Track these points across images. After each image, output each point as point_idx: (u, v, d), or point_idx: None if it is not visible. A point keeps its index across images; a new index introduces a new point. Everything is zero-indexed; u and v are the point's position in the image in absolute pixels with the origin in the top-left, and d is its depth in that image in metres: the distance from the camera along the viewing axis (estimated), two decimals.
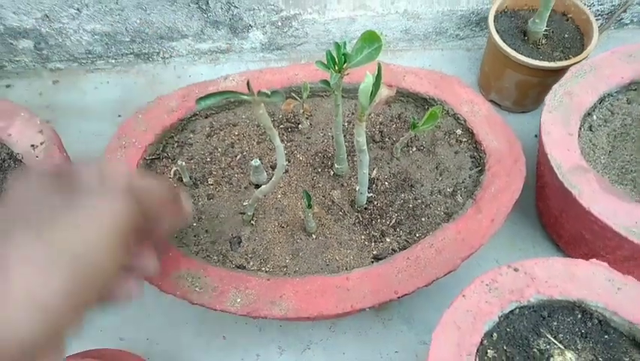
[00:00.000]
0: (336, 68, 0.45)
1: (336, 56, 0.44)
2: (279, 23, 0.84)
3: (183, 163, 0.56)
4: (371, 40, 0.43)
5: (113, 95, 0.86)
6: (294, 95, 0.60)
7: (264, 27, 0.85)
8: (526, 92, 0.78)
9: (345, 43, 0.45)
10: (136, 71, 0.89)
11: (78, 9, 0.79)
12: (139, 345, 0.62)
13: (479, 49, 0.91)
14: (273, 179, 0.47)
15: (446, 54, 0.91)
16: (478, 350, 0.45)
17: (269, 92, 0.37)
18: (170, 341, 0.64)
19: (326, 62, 0.45)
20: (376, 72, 0.43)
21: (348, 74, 0.46)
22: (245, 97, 0.39)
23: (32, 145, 0.59)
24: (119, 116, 0.83)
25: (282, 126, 0.64)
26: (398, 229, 0.56)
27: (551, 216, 0.65)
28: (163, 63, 0.89)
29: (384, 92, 0.46)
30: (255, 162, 0.56)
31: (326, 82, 0.47)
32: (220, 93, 0.39)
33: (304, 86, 0.58)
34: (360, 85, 0.42)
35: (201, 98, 0.39)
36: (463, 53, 0.91)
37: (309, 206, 0.50)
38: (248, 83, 0.38)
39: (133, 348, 0.59)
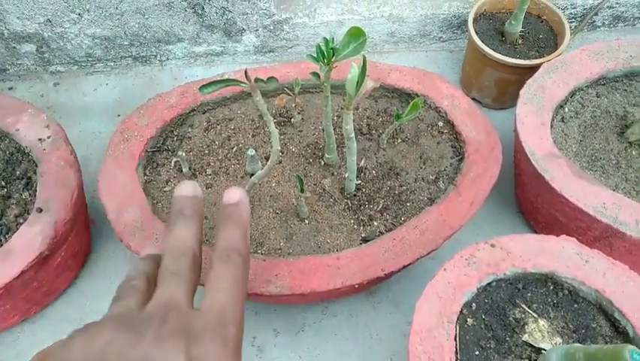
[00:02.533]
0: (325, 61, 0.50)
1: (325, 50, 0.48)
2: (271, 27, 0.88)
3: (183, 154, 0.60)
4: (356, 35, 0.47)
5: (112, 96, 0.90)
6: (286, 90, 0.64)
7: (256, 30, 0.89)
8: (505, 90, 0.83)
9: (333, 39, 0.49)
10: (134, 73, 0.93)
11: (79, 14, 0.83)
12: None
13: (461, 50, 0.96)
14: (268, 163, 0.51)
15: (430, 55, 0.96)
16: (458, 318, 0.49)
17: (265, 79, 0.42)
18: None
19: (316, 56, 0.49)
20: (362, 64, 0.47)
21: (336, 66, 0.50)
22: (243, 84, 0.43)
23: (39, 139, 0.62)
24: (118, 115, 0.87)
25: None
26: (385, 214, 0.60)
27: (528, 202, 0.70)
28: (160, 65, 0.93)
29: (369, 84, 0.51)
30: (251, 151, 0.60)
31: (316, 74, 0.51)
32: (222, 81, 0.43)
33: (296, 81, 0.62)
34: (347, 76, 0.46)
35: (204, 86, 0.43)
36: (445, 54, 0.96)
37: (302, 190, 0.54)
38: (246, 72, 0.42)
39: None
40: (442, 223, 0.57)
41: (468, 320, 0.49)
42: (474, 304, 0.50)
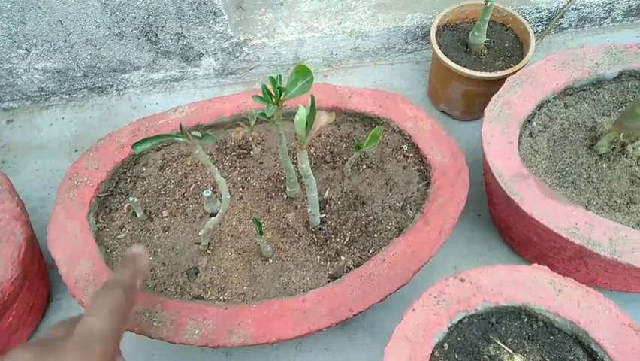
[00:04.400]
0: (274, 100, 0.47)
1: (272, 90, 0.46)
2: (230, 49, 0.85)
3: (135, 199, 0.57)
4: (304, 73, 0.44)
5: (68, 130, 0.86)
6: (240, 123, 0.61)
7: (215, 54, 0.86)
8: (473, 102, 0.81)
9: (280, 77, 0.46)
10: (91, 104, 0.89)
11: (27, 49, 0.79)
12: None
13: (427, 61, 0.94)
14: (220, 211, 0.48)
15: (396, 68, 0.93)
16: None
17: (200, 135, 0.39)
18: None
19: (263, 97, 0.46)
20: (310, 104, 0.45)
21: (285, 105, 0.48)
22: (180, 139, 0.40)
23: None
24: (76, 151, 0.83)
25: (234, 153, 0.65)
26: (352, 247, 0.58)
27: (501, 221, 0.68)
28: (118, 95, 0.90)
29: (323, 119, 0.48)
30: (207, 192, 0.57)
31: (263, 114, 0.48)
32: (156, 137, 0.40)
33: (251, 114, 0.59)
34: (295, 118, 0.43)
35: (137, 143, 0.40)
36: (412, 66, 0.94)
37: (260, 233, 0.51)
38: (181, 126, 0.39)
39: None
40: (411, 256, 0.55)
41: None
42: (446, 344, 0.48)
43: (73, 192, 0.59)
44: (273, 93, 0.46)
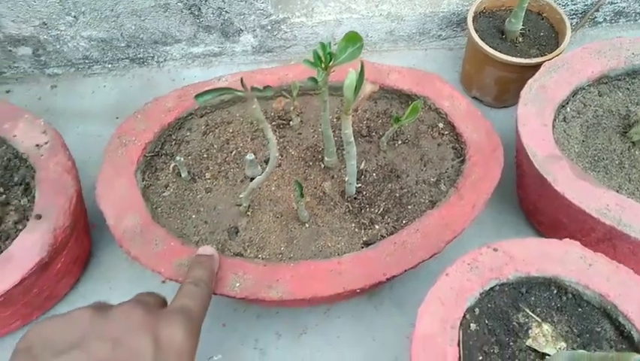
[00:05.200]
0: (323, 65, 0.49)
1: (322, 55, 0.48)
2: (269, 27, 0.88)
3: (181, 159, 0.59)
4: (353, 40, 0.46)
5: (109, 98, 0.89)
6: (284, 93, 0.64)
7: (254, 31, 0.88)
8: (506, 88, 0.82)
9: (330, 43, 0.49)
10: (131, 75, 0.92)
11: (75, 16, 0.82)
12: None
13: (461, 48, 0.95)
14: (266, 169, 0.51)
15: (429, 54, 0.95)
16: (461, 324, 0.48)
17: (261, 87, 0.41)
18: None
19: (313, 61, 0.48)
20: (359, 68, 0.47)
21: (334, 71, 0.50)
22: (239, 93, 0.43)
23: (37, 145, 0.61)
24: (117, 118, 0.86)
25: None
26: (386, 217, 0.60)
27: (531, 203, 0.69)
28: (158, 67, 0.93)
29: (367, 87, 0.50)
30: (250, 156, 0.59)
31: (313, 79, 0.50)
32: (216, 90, 0.42)
33: (293, 84, 0.61)
34: (345, 81, 0.45)
35: (199, 95, 0.42)
36: (445, 53, 0.95)
37: (301, 195, 0.54)
38: (242, 80, 0.41)
39: None
40: (444, 227, 0.57)
41: (471, 325, 0.49)
42: (477, 309, 0.50)
43: (121, 150, 0.62)
44: (323, 59, 0.48)
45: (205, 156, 0.65)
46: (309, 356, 0.65)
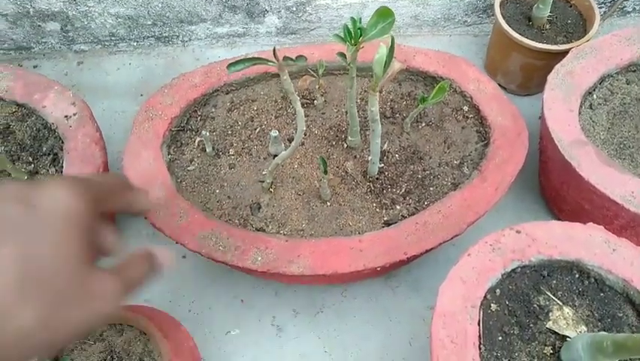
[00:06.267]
0: (352, 41, 0.49)
1: (352, 30, 0.48)
2: (294, 8, 0.88)
3: (207, 134, 0.60)
4: (385, 15, 0.46)
5: (134, 76, 0.90)
6: (310, 72, 0.64)
7: (279, 12, 0.88)
8: (531, 75, 0.81)
9: (360, 19, 0.49)
10: (156, 53, 0.93)
11: None
12: (162, 306, 0.66)
13: (485, 35, 0.94)
14: (292, 144, 0.51)
15: (454, 40, 0.94)
16: (482, 304, 0.48)
17: (293, 57, 0.41)
18: (191, 303, 0.68)
19: (343, 36, 0.48)
20: (390, 44, 0.47)
21: (363, 47, 0.50)
22: (271, 63, 0.43)
23: (66, 116, 0.63)
24: (141, 95, 0.87)
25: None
26: (408, 198, 0.60)
27: (553, 189, 0.69)
28: (182, 46, 0.93)
29: (396, 65, 0.50)
30: (274, 133, 0.59)
31: (342, 55, 0.51)
32: (249, 59, 0.43)
33: (320, 63, 0.61)
34: (372, 61, 0.46)
35: (231, 64, 0.42)
36: (470, 39, 0.95)
37: (325, 172, 0.54)
38: (274, 50, 0.41)
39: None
40: (466, 208, 0.57)
41: (492, 305, 0.49)
42: (498, 290, 0.50)
43: (148, 124, 0.63)
44: (353, 34, 0.48)
45: (229, 132, 0.65)
46: (325, 335, 0.66)
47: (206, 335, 0.66)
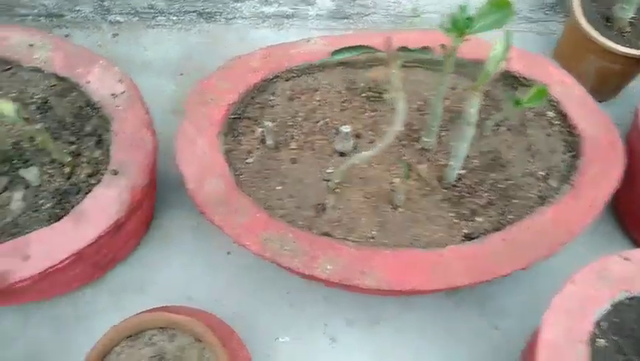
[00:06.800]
0: (458, 31, 0.43)
1: (460, 19, 0.42)
2: None
3: (269, 124, 0.54)
4: (500, 5, 0.40)
5: (174, 52, 0.84)
6: (387, 52, 0.58)
7: None
8: (606, 80, 0.75)
9: (466, 6, 0.43)
10: (197, 30, 0.86)
11: None
12: (207, 306, 0.60)
13: (551, 34, 0.88)
14: (379, 144, 0.45)
15: (516, 37, 0.86)
16: (589, 338, 0.43)
17: (412, 48, 0.35)
18: (238, 304, 0.62)
19: (446, 27, 0.43)
20: (505, 40, 0.41)
21: (468, 39, 0.44)
22: (380, 52, 0.37)
23: (112, 94, 0.56)
24: (181, 74, 0.81)
25: (363, 95, 0.62)
26: (490, 209, 0.54)
27: (637, 210, 0.63)
28: (225, 24, 0.87)
29: (501, 64, 0.44)
30: (345, 127, 0.54)
31: (424, 49, 0.44)
32: (355, 47, 0.37)
33: (397, 54, 0.55)
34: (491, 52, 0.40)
35: (337, 51, 0.37)
36: (533, 37, 0.88)
37: (407, 177, 0.48)
38: (388, 39, 0.35)
39: (201, 308, 0.58)
40: (559, 227, 0.51)
41: (598, 340, 0.44)
42: (604, 323, 0.45)
43: (203, 109, 0.57)
44: (460, 23, 0.42)
45: (290, 123, 0.59)
46: (382, 348, 0.61)
47: (254, 339, 0.60)
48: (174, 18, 0.85)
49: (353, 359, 0.60)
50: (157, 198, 0.68)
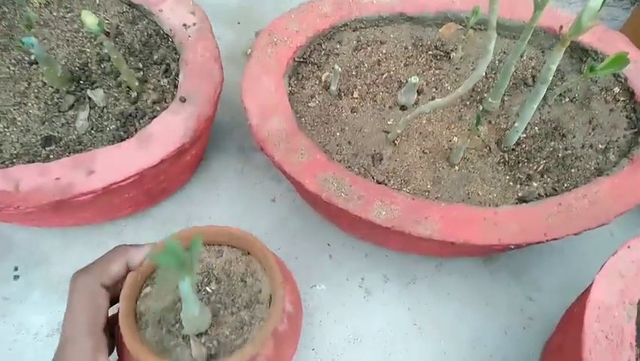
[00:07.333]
0: None
1: None
2: None
3: (339, 69, 0.54)
4: None
5: (233, 1, 0.84)
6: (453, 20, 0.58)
7: None
8: None
9: None
10: None
11: None
12: None
13: (613, 20, 0.86)
14: (458, 90, 0.45)
15: None
16: (639, 302, 0.43)
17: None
18: (278, 250, 0.63)
19: None
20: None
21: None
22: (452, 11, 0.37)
23: (184, 25, 0.57)
24: (239, 23, 0.81)
25: (430, 52, 0.62)
26: (545, 176, 0.54)
27: None
28: None
29: (590, 23, 0.44)
30: (414, 78, 0.54)
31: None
32: None
33: (475, 9, 0.55)
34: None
35: None
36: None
37: (478, 128, 0.48)
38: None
39: None
40: (616, 197, 0.51)
41: None
42: None
43: (271, 49, 0.57)
44: None
45: (354, 73, 0.60)
46: (416, 306, 0.61)
47: None
48: None
49: (387, 312, 0.61)
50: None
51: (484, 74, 0.44)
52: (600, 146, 0.56)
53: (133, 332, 0.37)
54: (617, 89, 0.59)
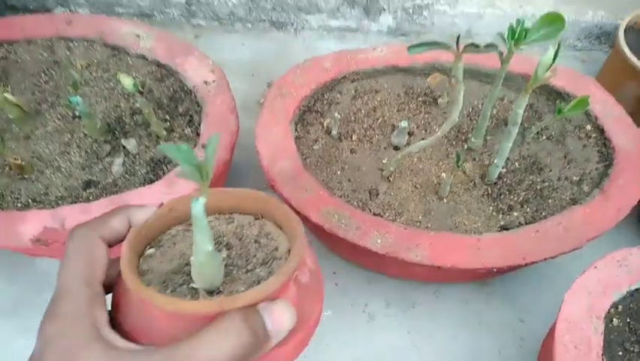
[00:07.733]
0: (513, 41, 0.51)
1: (516, 30, 0.49)
2: (411, 10, 0.90)
3: (338, 116, 0.62)
4: (553, 20, 0.48)
5: (247, 56, 0.94)
6: (441, 70, 0.66)
7: (395, 12, 0.91)
8: None
9: (523, 21, 0.50)
10: (269, 37, 0.97)
11: None
12: None
13: (593, 62, 0.94)
14: (437, 133, 0.53)
15: (562, 62, 0.94)
16: (605, 316, 0.49)
17: (477, 44, 0.43)
18: None
19: (506, 36, 0.50)
20: (557, 48, 0.48)
21: (522, 49, 0.51)
22: (450, 49, 0.45)
23: (205, 81, 0.66)
24: (253, 75, 0.91)
25: (419, 99, 0.70)
26: (525, 206, 0.61)
27: None
28: (294, 34, 0.97)
29: (547, 74, 0.51)
30: (404, 123, 0.61)
31: (488, 47, 0.52)
32: (429, 43, 0.45)
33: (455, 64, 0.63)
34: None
35: (413, 46, 0.45)
36: (577, 65, 0.94)
37: (458, 166, 0.55)
38: (457, 38, 0.43)
39: None
40: (588, 224, 0.57)
41: (614, 319, 0.49)
42: (621, 306, 0.50)
43: (280, 100, 0.66)
44: (516, 34, 0.50)
45: (352, 119, 0.68)
46: (416, 330, 0.67)
47: None
48: (249, 25, 0.96)
49: (388, 336, 0.66)
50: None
51: (457, 119, 0.51)
52: (575, 178, 0.63)
53: (136, 277, 0.32)
54: (589, 127, 0.66)
